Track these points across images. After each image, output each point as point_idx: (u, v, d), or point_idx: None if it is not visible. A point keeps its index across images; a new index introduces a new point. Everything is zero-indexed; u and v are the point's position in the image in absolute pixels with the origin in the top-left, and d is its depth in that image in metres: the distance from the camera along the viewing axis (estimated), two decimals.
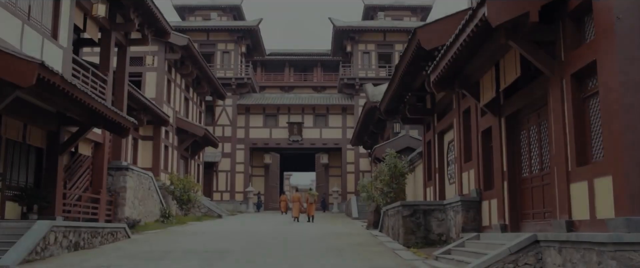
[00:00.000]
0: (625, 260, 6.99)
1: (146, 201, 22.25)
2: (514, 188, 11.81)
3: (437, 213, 15.16)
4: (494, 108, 12.37)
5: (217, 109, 40.50)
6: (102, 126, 16.86)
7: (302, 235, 18.48)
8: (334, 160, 41.65)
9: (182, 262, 11.90)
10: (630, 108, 7.61)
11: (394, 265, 11.48)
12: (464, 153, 14.97)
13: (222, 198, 39.16)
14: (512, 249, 9.09)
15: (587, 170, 8.64)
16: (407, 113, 18.78)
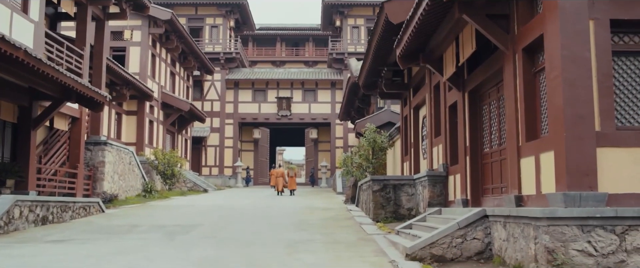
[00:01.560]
0: (558, 235, 7.04)
1: (127, 176, 22.31)
2: (476, 163, 11.82)
3: (407, 188, 15.21)
4: (458, 82, 12.32)
5: (206, 84, 40.37)
6: (74, 101, 16.79)
7: (278, 209, 18.57)
8: (323, 135, 41.66)
9: (146, 235, 11.98)
10: (572, 83, 7.57)
11: (354, 239, 11.56)
12: (434, 128, 14.96)
13: (211, 173, 39.27)
14: (460, 224, 9.13)
15: (534, 145, 8.64)
16: (383, 87, 18.71)
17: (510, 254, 8.23)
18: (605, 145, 7.55)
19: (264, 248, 10.27)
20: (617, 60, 7.98)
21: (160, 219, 15.06)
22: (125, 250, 10.02)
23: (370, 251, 9.97)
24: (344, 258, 9.18)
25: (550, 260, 6.95)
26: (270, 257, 9.26)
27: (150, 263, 8.61)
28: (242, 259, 9.07)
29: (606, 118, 7.63)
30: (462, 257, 9.04)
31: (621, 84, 7.95)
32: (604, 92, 7.65)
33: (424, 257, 8.99)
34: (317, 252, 9.76)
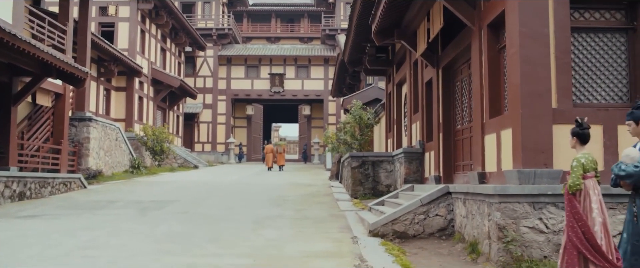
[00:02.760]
0: (509, 212, 7.05)
1: (113, 152, 22.35)
2: (448, 140, 11.81)
3: (386, 165, 15.23)
4: (432, 59, 12.25)
5: (198, 60, 40.19)
6: (55, 77, 16.76)
7: (261, 186, 18.63)
8: (316, 112, 41.61)
9: (120, 211, 12.04)
10: (529, 60, 7.50)
11: (325, 215, 11.61)
12: (412, 105, 14.92)
13: (204, 150, 39.32)
14: (423, 200, 9.15)
15: (496, 121, 8.61)
16: (367, 64, 18.61)
17: (469, 231, 8.26)
18: (562, 122, 7.50)
19: (232, 223, 10.32)
20: (578, 36, 7.92)
21: (140, 195, 15.12)
22: (94, 225, 10.07)
23: (336, 227, 10.02)
24: (307, 234, 9.23)
25: (501, 237, 6.97)
26: (234, 233, 9.31)
27: (112, 239, 8.66)
28: (206, 234, 9.12)
29: (563, 95, 7.58)
30: (424, 233, 9.07)
31: (580, 61, 7.90)
32: (562, 69, 7.59)
33: (386, 233, 9.03)
34: (282, 228, 9.80)
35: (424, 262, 7.43)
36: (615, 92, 7.89)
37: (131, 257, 7.31)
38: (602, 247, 5.15)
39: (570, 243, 5.24)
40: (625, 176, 5.40)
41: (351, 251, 7.82)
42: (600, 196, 5.32)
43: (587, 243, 5.16)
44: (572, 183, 5.28)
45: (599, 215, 5.24)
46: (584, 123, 5.52)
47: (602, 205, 5.31)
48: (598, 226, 5.22)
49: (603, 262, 5.12)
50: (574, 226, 5.23)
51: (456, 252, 8.05)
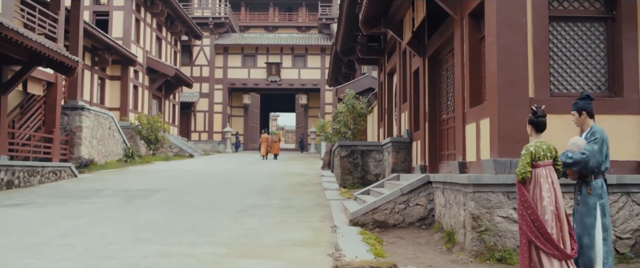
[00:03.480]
0: (483, 202, 7.05)
1: (106, 141, 22.36)
2: (434, 129, 11.79)
3: (375, 154, 15.22)
4: (419, 48, 12.20)
5: (195, 49, 40.07)
6: (45, 65, 16.76)
7: (252, 175, 18.64)
8: (313, 101, 41.55)
9: (106, 199, 12.07)
10: (506, 49, 7.47)
11: (310, 204, 11.63)
12: (402, 94, 14.89)
13: (200, 139, 39.32)
14: (403, 190, 9.15)
15: (476, 111, 8.59)
16: (359, 53, 18.56)
17: (447, 220, 8.27)
18: None
19: (216, 212, 10.34)
20: (556, 25, 7.87)
21: (129, 184, 15.14)
22: (77, 214, 10.10)
23: (319, 216, 10.04)
24: (288, 223, 9.24)
25: (475, 227, 6.98)
26: (215, 222, 9.33)
27: (93, 227, 8.68)
28: (187, 223, 9.14)
29: (541, 84, 7.56)
30: (404, 222, 9.08)
31: (559, 50, 7.86)
32: (540, 59, 7.56)
33: (366, 222, 9.04)
34: (264, 217, 9.82)
35: (400, 251, 7.44)
36: (593, 82, 7.86)
37: (107, 245, 7.33)
38: (552, 236, 5.17)
39: (521, 231, 5.28)
40: (572, 164, 5.43)
41: (328, 240, 7.84)
42: (555, 185, 5.32)
43: (537, 231, 5.19)
44: (518, 172, 5.34)
45: (550, 203, 5.25)
46: (539, 111, 5.53)
47: (557, 194, 5.31)
48: (549, 215, 5.23)
49: (553, 250, 5.15)
50: (524, 214, 5.27)
51: (434, 242, 8.06)
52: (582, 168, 5.49)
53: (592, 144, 5.50)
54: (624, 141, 7.54)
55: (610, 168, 7.39)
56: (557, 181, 5.41)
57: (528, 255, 5.25)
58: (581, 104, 5.77)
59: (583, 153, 5.46)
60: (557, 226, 5.23)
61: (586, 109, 5.74)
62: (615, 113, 7.58)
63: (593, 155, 5.43)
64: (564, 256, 5.15)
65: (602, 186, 5.54)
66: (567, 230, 5.28)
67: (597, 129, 5.64)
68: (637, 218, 7.04)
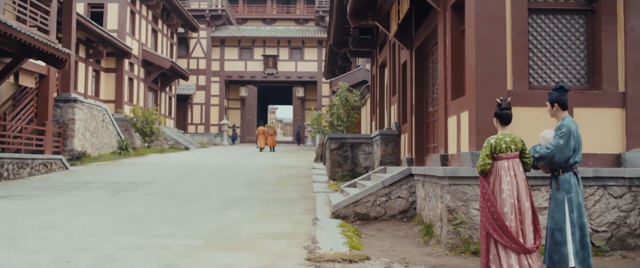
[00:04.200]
0: (459, 194, 7.04)
1: (100, 134, 22.36)
2: (421, 122, 11.77)
3: (365, 147, 15.20)
4: (406, 40, 12.17)
5: (192, 41, 40.00)
6: (36, 57, 16.75)
7: (243, 167, 18.65)
8: (310, 93, 41.49)
9: (93, 192, 12.09)
10: (485, 41, 7.44)
11: (295, 197, 11.64)
12: (391, 87, 14.87)
13: (197, 131, 39.32)
14: (385, 182, 9.15)
15: (457, 104, 8.56)
16: (351, 45, 18.52)
17: (426, 213, 8.27)
18: (518, 105, 7.43)
19: (200, 205, 10.35)
20: (536, 18, 7.84)
21: (119, 176, 15.15)
22: (62, 206, 10.11)
23: (302, 208, 10.04)
24: (270, 216, 9.25)
25: (450, 220, 6.97)
26: (198, 214, 9.34)
27: (74, 220, 8.69)
28: (169, 215, 9.15)
29: (519, 77, 7.53)
30: (386, 215, 9.08)
31: (539, 43, 7.82)
32: (519, 51, 7.53)
33: (347, 215, 9.04)
34: (248, 209, 9.83)
35: (377, 243, 7.45)
36: (573, 75, 7.83)
37: (84, 237, 7.34)
38: (510, 229, 5.18)
39: (481, 223, 5.30)
40: (538, 158, 5.43)
41: (307, 232, 7.84)
42: (518, 177, 5.32)
43: (495, 223, 5.20)
44: (478, 164, 5.36)
45: (510, 196, 5.25)
46: (504, 104, 5.53)
47: (520, 187, 5.30)
48: (508, 208, 5.24)
49: (510, 243, 5.16)
50: (484, 206, 5.29)
51: (413, 234, 8.06)
52: (548, 163, 5.47)
53: (557, 138, 5.45)
54: (602, 134, 7.53)
55: (588, 162, 7.44)
56: (522, 174, 5.40)
57: (487, 247, 5.27)
58: (554, 95, 5.73)
59: (548, 148, 5.43)
60: (516, 220, 5.23)
61: (558, 101, 5.67)
62: (594, 105, 7.57)
63: (558, 150, 5.37)
64: (522, 249, 5.16)
65: (569, 181, 5.50)
66: (529, 223, 5.28)
67: (565, 122, 5.58)
68: (613, 211, 7.03)
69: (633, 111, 7.46)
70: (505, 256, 5.18)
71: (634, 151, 7.41)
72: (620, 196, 7.07)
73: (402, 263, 6.22)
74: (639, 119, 7.45)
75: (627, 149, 7.45)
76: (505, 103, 5.64)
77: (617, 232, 7.02)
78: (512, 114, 5.73)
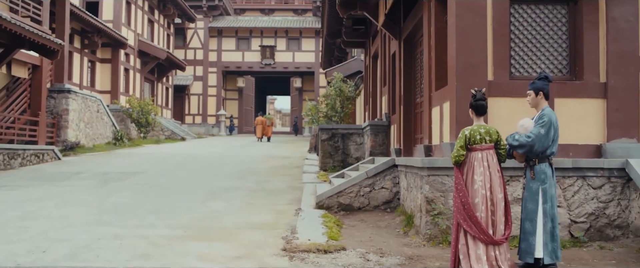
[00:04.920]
0: (438, 185, 7.04)
1: (94, 124, 22.37)
2: (409, 113, 11.75)
3: (356, 137, 15.19)
4: (395, 30, 12.12)
5: (189, 32, 39.89)
6: (27, 48, 16.73)
7: (237, 157, 18.65)
8: (307, 84, 41.41)
9: (81, 182, 12.10)
10: (465, 31, 7.41)
11: (283, 187, 11.65)
12: (382, 77, 14.84)
13: (194, 122, 39.29)
14: (369, 173, 9.15)
15: (440, 94, 8.54)
16: (344, 36, 18.46)
17: (408, 204, 8.27)
18: (498, 95, 7.46)
19: (186, 195, 10.36)
20: (518, 8, 7.79)
21: (110, 167, 15.17)
22: (48, 196, 10.13)
23: (288, 199, 10.05)
24: (255, 206, 9.26)
25: (429, 210, 6.98)
26: (182, 204, 9.35)
27: (57, 210, 8.71)
28: (153, 206, 9.16)
29: (500, 67, 7.51)
30: (369, 205, 9.09)
31: (520, 33, 7.79)
32: (499, 41, 7.50)
33: (331, 205, 9.05)
34: (233, 200, 9.84)
35: (357, 234, 7.45)
36: (555, 65, 7.80)
37: (64, 227, 7.36)
38: (479, 219, 5.19)
39: (453, 213, 5.32)
40: (517, 146, 5.42)
41: (288, 223, 7.85)
42: (492, 169, 5.31)
43: (466, 214, 5.22)
44: (452, 155, 5.37)
45: (482, 187, 5.26)
46: (478, 95, 5.52)
47: (492, 178, 5.30)
48: (479, 199, 5.24)
49: (478, 233, 5.17)
50: (456, 196, 5.30)
51: (394, 225, 8.07)
52: (527, 152, 5.47)
53: (539, 127, 5.46)
54: (583, 124, 7.52)
55: (569, 152, 7.43)
56: (496, 165, 5.40)
57: (456, 236, 5.30)
58: (539, 84, 5.72)
59: (528, 136, 5.43)
60: (487, 211, 5.24)
61: (544, 90, 5.68)
62: (576, 96, 7.54)
63: (539, 139, 5.40)
64: (490, 240, 5.17)
65: (545, 171, 5.50)
66: (500, 214, 5.28)
67: (546, 112, 5.59)
68: (592, 202, 7.02)
69: (614, 102, 7.43)
70: (473, 246, 5.19)
71: (614, 142, 7.40)
72: (600, 187, 7.05)
73: (377, 253, 6.23)
74: (619, 110, 7.42)
75: (607, 140, 7.43)
76: (480, 93, 5.64)
77: (596, 223, 7.02)
78: (487, 105, 5.73)
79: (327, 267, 5.54)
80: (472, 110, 5.61)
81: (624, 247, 6.73)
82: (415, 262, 5.88)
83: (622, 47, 7.45)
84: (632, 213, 6.96)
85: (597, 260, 6.18)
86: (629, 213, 7.00)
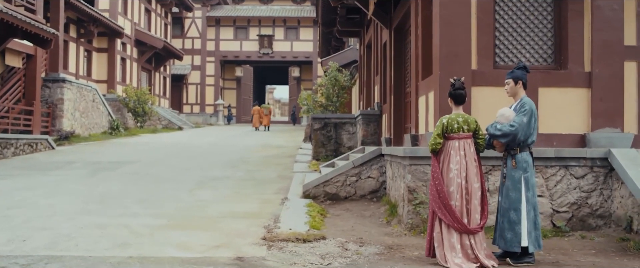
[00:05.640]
0: (419, 174, 7.04)
1: (90, 114, 22.37)
2: (399, 102, 11.72)
3: (348, 127, 15.17)
4: (385, 19, 12.07)
5: (187, 21, 39.79)
6: (20, 37, 16.71)
7: (231, 147, 18.67)
8: (305, 73, 41.33)
9: (72, 171, 12.12)
10: (448, 20, 7.38)
11: (273, 176, 11.66)
12: (375, 67, 14.80)
13: (193, 111, 39.31)
14: (355, 162, 9.16)
15: (426, 83, 8.51)
16: (338, 25, 18.39)
17: (393, 193, 8.28)
18: (482, 84, 7.44)
19: (175, 185, 10.38)
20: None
21: (103, 156, 15.19)
22: (37, 185, 10.15)
23: (276, 188, 10.06)
24: (242, 195, 9.28)
25: (411, 200, 6.98)
26: (170, 194, 9.37)
27: (44, 199, 8.73)
28: (140, 195, 9.18)
29: (484, 56, 7.48)
30: (356, 195, 9.10)
31: (505, 22, 7.74)
32: (484, 30, 7.47)
33: (317, 194, 9.06)
34: (220, 189, 9.86)
35: (340, 223, 7.47)
36: (540, 54, 7.77)
37: (49, 216, 7.38)
38: (453, 208, 5.21)
39: (429, 201, 5.34)
40: (500, 136, 5.41)
41: (272, 212, 7.87)
42: (468, 158, 5.32)
43: (441, 202, 5.24)
44: (429, 143, 5.38)
45: (457, 176, 5.27)
46: (457, 84, 5.52)
47: (469, 167, 5.31)
48: (454, 187, 5.26)
49: (452, 222, 5.18)
50: (432, 185, 5.32)
51: (378, 214, 8.08)
52: (510, 141, 5.47)
53: (521, 116, 5.47)
54: (568, 114, 7.49)
55: (553, 142, 7.43)
56: (473, 154, 5.40)
57: (432, 224, 5.33)
58: (518, 73, 5.74)
59: (512, 125, 5.44)
60: (462, 199, 5.25)
61: (523, 79, 5.71)
62: (560, 85, 7.51)
63: (522, 128, 5.41)
64: (464, 229, 5.18)
65: (527, 160, 5.52)
66: (476, 204, 5.29)
67: (526, 101, 5.61)
68: (575, 192, 7.02)
69: (598, 91, 7.41)
70: (447, 234, 5.22)
71: (598, 132, 7.38)
72: (582, 176, 7.05)
73: (357, 243, 6.24)
74: (604, 99, 7.40)
75: (592, 129, 7.41)
76: (459, 82, 5.64)
77: (578, 213, 7.02)
78: (466, 94, 5.73)
79: (304, 256, 5.55)
80: (451, 99, 5.61)
81: (606, 236, 6.74)
82: (394, 251, 5.89)
83: (607, 36, 7.41)
84: (614, 202, 6.97)
85: (577, 249, 6.19)
86: (611, 202, 7.00)
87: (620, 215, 6.82)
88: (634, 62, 7.50)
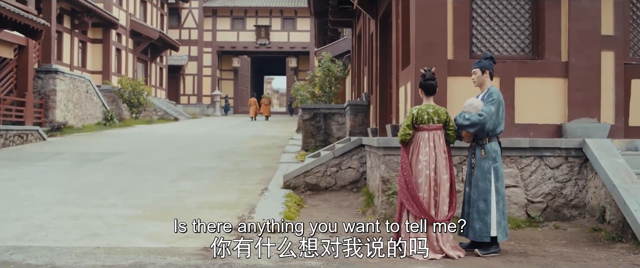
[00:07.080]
0: (393, 165, 7.04)
1: (83, 105, 22.38)
2: (384, 92, 11.70)
3: (338, 117, 15.14)
4: (372, 9, 12.03)
5: (183, 12, 39.70)
6: (10, 28, 16.70)
7: (223, 137, 18.69)
8: (302, 64, 41.27)
9: (59, 162, 12.14)
10: (424, 10, 7.35)
11: (258, 167, 11.67)
12: (364, 57, 14.77)
13: (190, 102, 39.31)
14: (336, 153, 9.16)
15: (405, 73, 8.50)
16: (330, 15, 18.32)
17: (371, 183, 8.28)
18: (458, 74, 7.41)
19: (158, 175, 10.39)
20: None
21: (93, 147, 15.21)
22: (20, 176, 10.17)
23: (258, 179, 10.07)
24: (222, 186, 9.29)
25: (384, 190, 6.98)
26: (151, 184, 9.38)
27: (25, 190, 8.75)
28: (122, 186, 9.20)
29: (460, 46, 7.45)
30: (336, 185, 9.11)
31: (482, 12, 7.71)
32: (460, 20, 7.44)
33: (298, 185, 9.06)
34: (203, 180, 9.87)
35: (315, 214, 7.48)
36: (517, 44, 7.73)
37: (26, 207, 7.40)
38: (421, 199, 5.22)
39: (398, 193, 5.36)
40: (469, 125, 5.40)
41: (249, 202, 7.87)
42: (438, 149, 5.31)
43: (408, 193, 5.25)
44: (399, 134, 5.36)
45: (426, 167, 5.27)
46: (428, 74, 5.49)
47: (438, 159, 5.30)
48: (422, 179, 5.27)
49: (420, 213, 5.19)
50: (400, 176, 5.33)
51: (356, 205, 8.08)
52: (479, 130, 5.46)
53: (489, 105, 5.46)
54: (544, 104, 7.48)
55: (530, 132, 7.41)
56: (443, 146, 5.39)
57: (400, 215, 5.34)
58: (485, 63, 5.74)
59: (480, 114, 5.42)
60: (430, 191, 5.25)
61: (490, 68, 5.71)
62: (537, 75, 7.49)
63: (490, 117, 5.40)
64: (431, 221, 5.20)
65: (496, 150, 5.52)
66: (444, 196, 5.30)
67: (494, 90, 5.60)
68: (549, 182, 7.01)
69: (575, 81, 7.38)
70: (414, 226, 5.22)
71: (575, 122, 7.36)
72: (557, 167, 7.04)
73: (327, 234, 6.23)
74: (580, 89, 7.37)
75: (568, 119, 7.40)
76: (429, 73, 5.62)
77: (553, 203, 7.02)
78: (437, 85, 5.72)
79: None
80: (422, 90, 5.60)
81: (579, 226, 6.74)
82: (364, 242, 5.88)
83: (584, 26, 7.37)
84: (588, 193, 6.96)
85: (549, 240, 6.19)
86: (585, 193, 6.99)
87: (594, 206, 6.81)
88: (611, 52, 7.47)
